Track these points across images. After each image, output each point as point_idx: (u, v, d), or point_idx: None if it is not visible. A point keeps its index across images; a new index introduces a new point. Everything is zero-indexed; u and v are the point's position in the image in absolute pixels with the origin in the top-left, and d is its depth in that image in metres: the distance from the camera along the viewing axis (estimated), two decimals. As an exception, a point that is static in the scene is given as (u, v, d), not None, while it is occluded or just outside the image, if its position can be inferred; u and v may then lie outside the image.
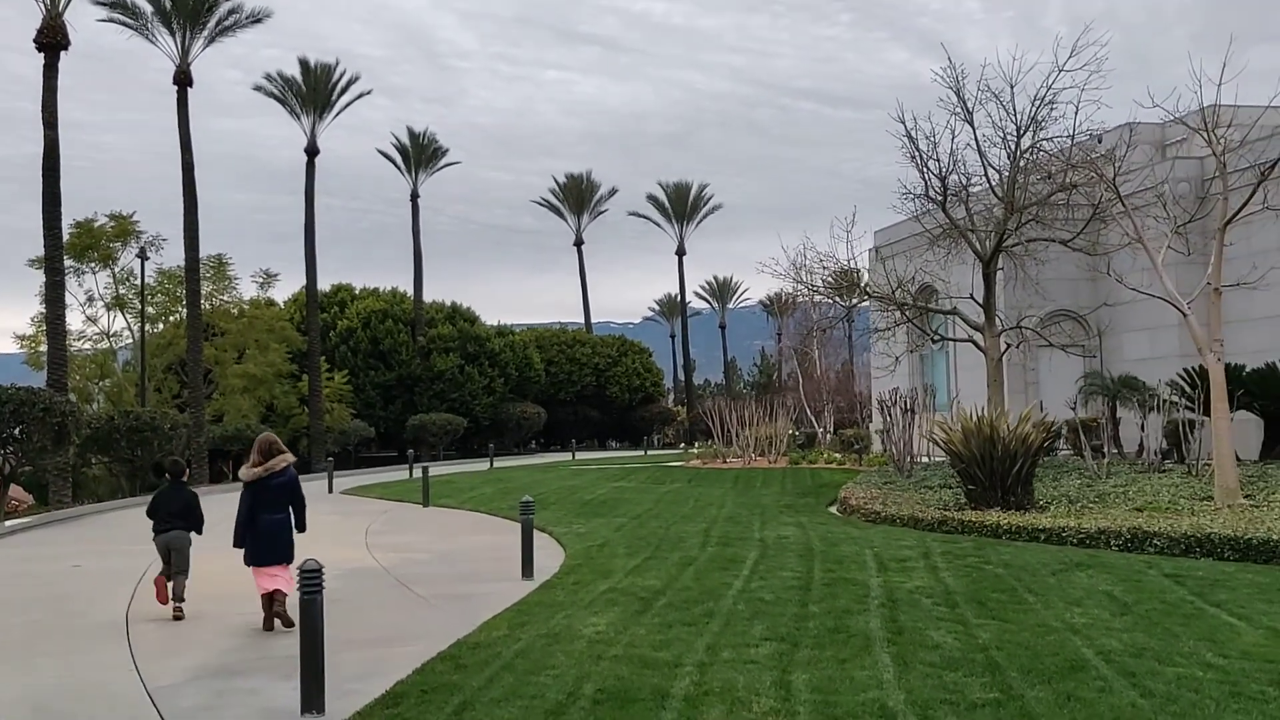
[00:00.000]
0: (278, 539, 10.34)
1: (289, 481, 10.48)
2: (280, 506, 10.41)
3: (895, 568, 12.32)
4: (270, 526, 10.33)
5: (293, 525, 10.55)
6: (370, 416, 51.55)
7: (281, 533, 10.38)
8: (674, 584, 11.64)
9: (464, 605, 11.31)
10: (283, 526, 10.41)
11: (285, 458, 10.48)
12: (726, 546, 14.74)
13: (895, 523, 17.50)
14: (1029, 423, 18.31)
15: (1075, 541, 14.09)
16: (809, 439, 40.62)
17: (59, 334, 30.00)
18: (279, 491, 10.39)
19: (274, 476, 10.37)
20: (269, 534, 10.31)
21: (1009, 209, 24.09)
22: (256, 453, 10.47)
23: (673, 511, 20.60)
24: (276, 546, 10.33)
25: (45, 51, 31.60)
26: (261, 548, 10.33)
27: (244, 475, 10.48)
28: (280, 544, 10.35)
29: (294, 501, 10.52)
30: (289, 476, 10.50)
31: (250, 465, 10.46)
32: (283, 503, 10.43)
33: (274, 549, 10.31)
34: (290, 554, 10.37)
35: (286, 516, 10.48)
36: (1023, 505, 17.67)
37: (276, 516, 10.38)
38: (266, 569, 10.31)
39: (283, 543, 10.37)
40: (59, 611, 11.61)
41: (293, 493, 10.52)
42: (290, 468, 10.56)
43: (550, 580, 12.49)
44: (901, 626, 9.05)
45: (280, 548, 10.34)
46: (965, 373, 32.94)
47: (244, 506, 10.43)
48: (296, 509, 10.57)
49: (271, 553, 10.30)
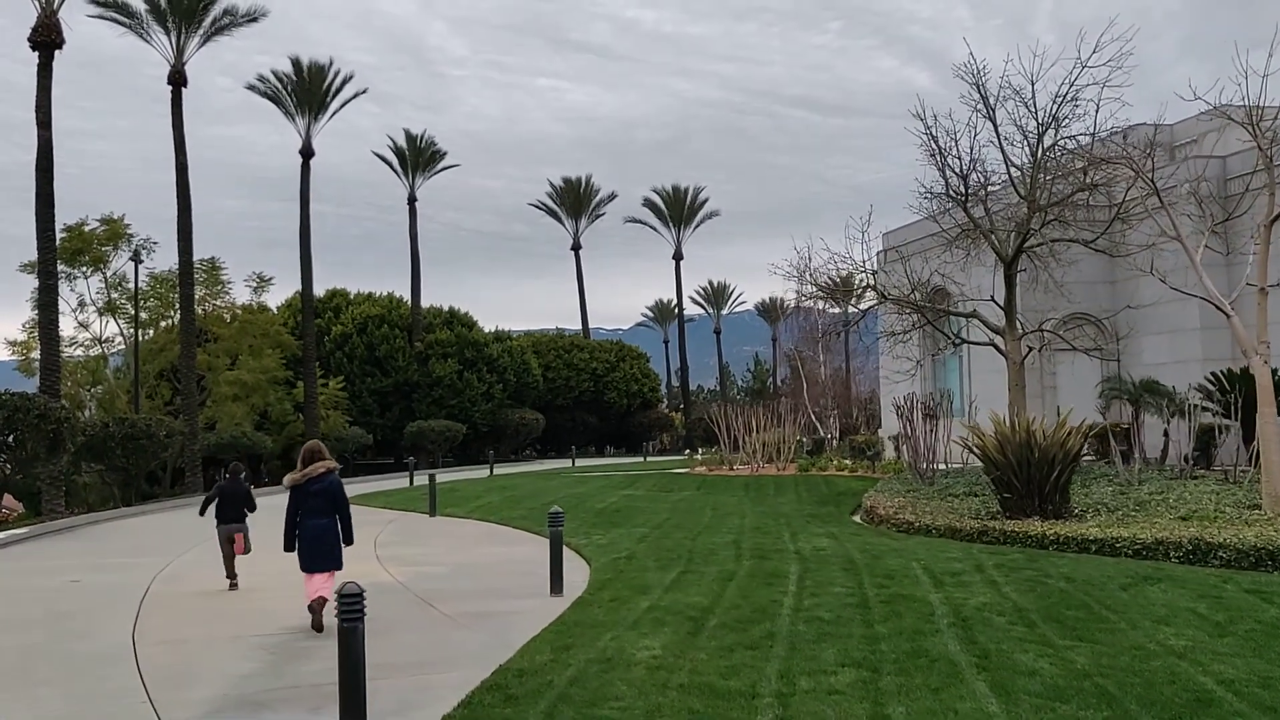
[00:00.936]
0: (319, 545, 10.43)
1: (329, 487, 10.52)
2: (322, 513, 10.49)
3: (951, 582, 11.59)
4: (312, 532, 10.45)
5: (338, 532, 10.58)
6: (367, 423, 50.63)
7: (323, 538, 10.44)
8: (720, 601, 10.89)
9: (495, 625, 10.55)
10: (324, 532, 10.46)
11: (326, 464, 10.57)
12: (763, 559, 13.99)
13: (931, 533, 16.79)
14: (1067, 427, 17.64)
15: (1130, 553, 13.39)
16: (817, 445, 39.87)
17: (52, 339, 29.08)
18: (320, 498, 10.46)
19: (313, 482, 10.46)
20: (310, 539, 10.44)
21: (1031, 208, 23.46)
22: (300, 459, 10.68)
23: (693, 521, 19.86)
24: (319, 552, 10.42)
25: (39, 50, 30.74)
26: (305, 554, 10.46)
27: (286, 481, 10.71)
28: (322, 550, 10.43)
29: (337, 508, 10.57)
30: (329, 483, 10.53)
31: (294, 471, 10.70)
32: (325, 509, 10.50)
33: (317, 555, 10.42)
34: (334, 560, 10.50)
35: (330, 522, 10.53)
36: (1060, 514, 17.00)
37: (318, 522, 10.46)
38: (312, 575, 10.45)
39: (325, 548, 10.44)
40: (59, 632, 10.79)
41: (334, 499, 10.55)
42: (332, 474, 10.61)
43: (583, 597, 11.72)
44: (985, 649, 8.32)
45: (322, 554, 10.43)
46: (980, 377, 32.28)
47: (289, 512, 10.63)
48: (341, 517, 10.61)
49: (315, 559, 10.42)
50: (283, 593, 13.07)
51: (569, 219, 72.49)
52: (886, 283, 27.30)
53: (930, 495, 21.39)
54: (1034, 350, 25.28)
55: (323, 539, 10.42)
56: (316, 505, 10.45)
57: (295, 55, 47.38)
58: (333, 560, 10.46)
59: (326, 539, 10.44)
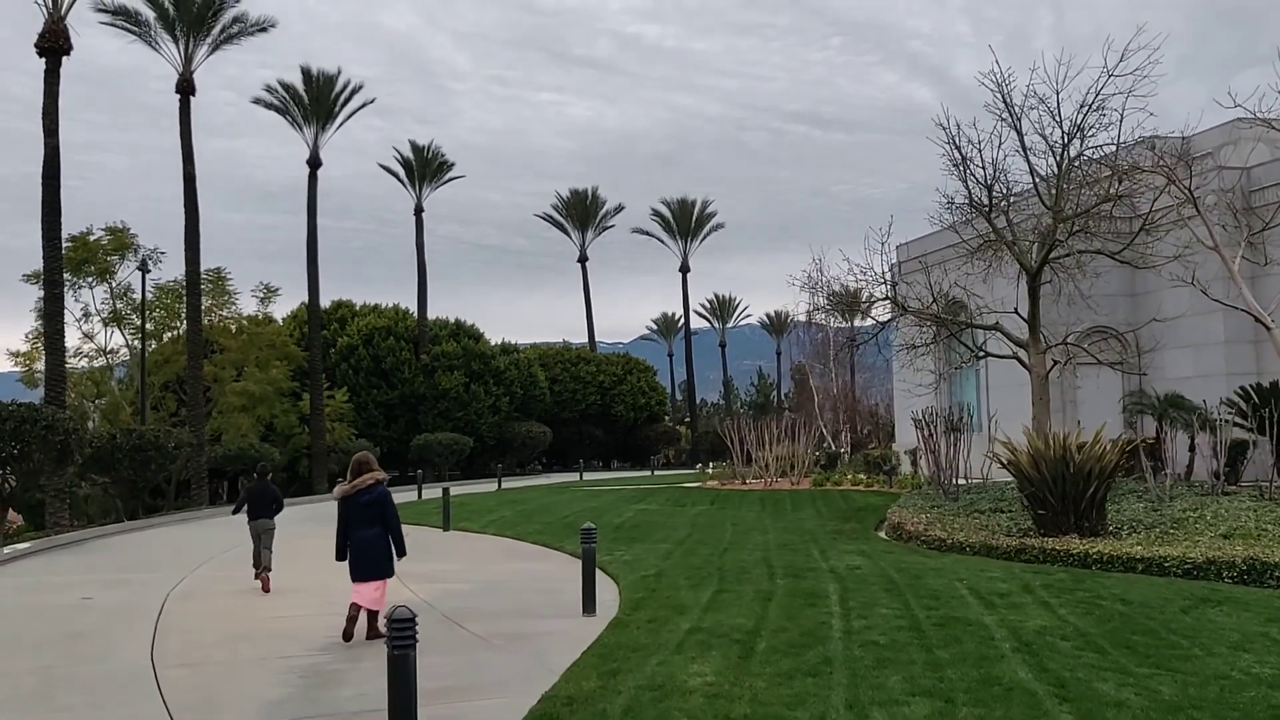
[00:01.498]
0: (368, 554, 10.53)
1: (377, 498, 10.62)
2: (370, 523, 10.58)
3: (1002, 604, 11.14)
4: (361, 542, 10.56)
5: (388, 543, 10.65)
6: (372, 435, 50.15)
7: (371, 548, 10.54)
8: (764, 623, 10.43)
9: (531, 646, 10.10)
10: (373, 542, 10.56)
11: (374, 475, 10.69)
12: (798, 578, 13.53)
13: (965, 550, 16.34)
14: (1102, 442, 17.20)
15: (1180, 573, 12.93)
16: (831, 459, 39.38)
17: (58, 349, 28.65)
18: (368, 509, 10.58)
19: (362, 494, 10.59)
20: (359, 549, 10.55)
21: (1057, 218, 23.06)
22: (350, 470, 10.84)
23: (715, 537, 19.41)
24: (367, 562, 10.53)
25: (46, 56, 30.39)
26: (355, 563, 10.58)
27: (336, 492, 10.88)
28: (370, 560, 10.53)
29: (385, 519, 10.63)
30: (376, 494, 10.63)
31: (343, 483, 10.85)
32: (373, 519, 10.59)
33: (365, 565, 10.53)
34: (383, 569, 10.60)
35: (379, 533, 10.61)
36: (1096, 531, 16.56)
37: (367, 533, 10.57)
38: (360, 584, 10.53)
39: (373, 558, 10.54)
40: (75, 654, 10.32)
41: (382, 510, 10.62)
42: (379, 485, 10.69)
43: (619, 617, 11.25)
44: (1059, 677, 7.86)
45: (371, 564, 10.53)
46: (999, 391, 31.85)
47: (340, 523, 10.76)
48: (390, 528, 10.67)
49: (364, 568, 10.52)
50: (305, 610, 12.63)
51: (575, 230, 72.11)
52: (906, 295, 26.86)
53: (955, 511, 20.92)
54: (1059, 364, 24.84)
55: (371, 549, 10.52)
56: (365, 516, 10.56)
57: (305, 65, 47.03)
58: (381, 570, 10.58)
59: (375, 549, 10.53)
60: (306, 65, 47.23)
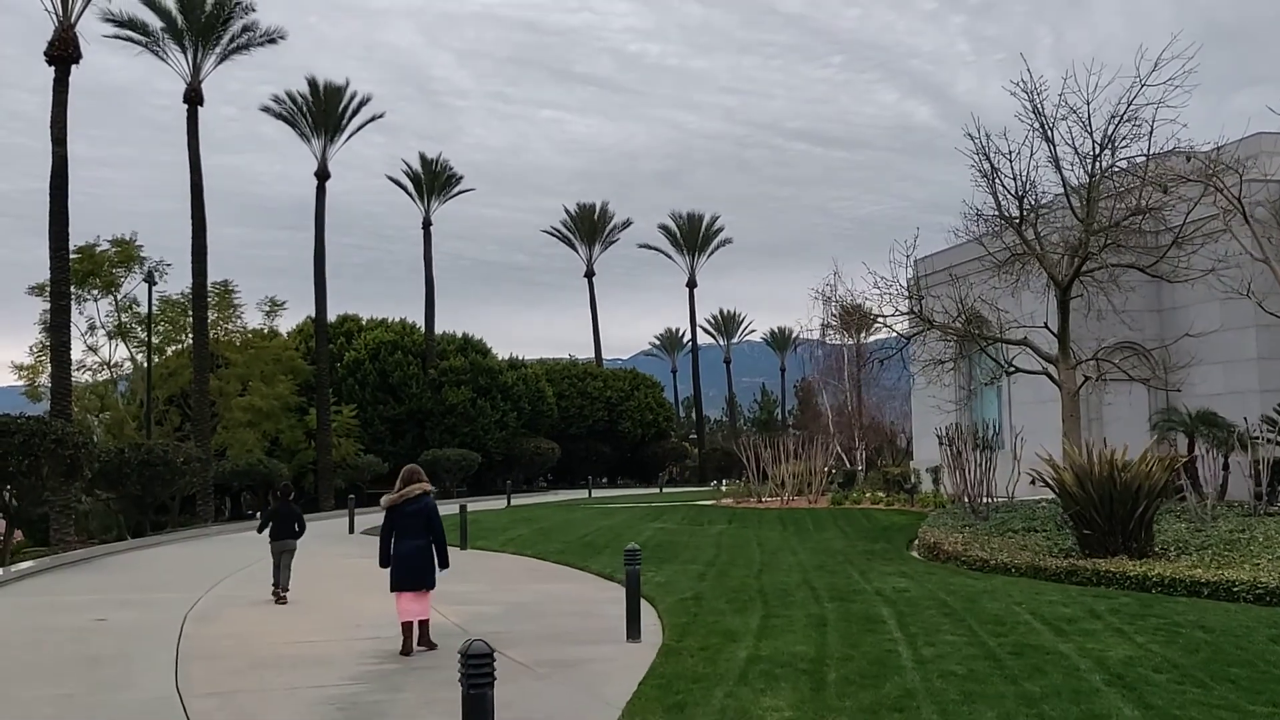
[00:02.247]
0: (412, 564, 10.67)
1: (423, 509, 10.78)
2: (416, 533, 10.75)
3: (1072, 630, 10.53)
4: (405, 551, 10.72)
5: (432, 554, 10.82)
6: (378, 451, 49.52)
7: (414, 558, 10.69)
8: (826, 650, 9.82)
9: (581, 676, 9.50)
10: (416, 552, 10.71)
11: (422, 486, 10.85)
12: (845, 602, 12.92)
13: (1010, 572, 15.73)
14: (1150, 459, 16.62)
15: (1250, 598, 12.34)
16: (848, 477, 38.74)
17: (64, 361, 28.03)
18: (414, 518, 10.75)
19: (409, 504, 10.76)
20: (403, 559, 10.71)
21: (1088, 231, 22.54)
22: (400, 480, 10.99)
23: (746, 557, 18.80)
24: (412, 572, 10.67)
25: (55, 65, 29.92)
26: (398, 573, 10.72)
27: (384, 501, 10.98)
28: (414, 569, 10.68)
29: (431, 530, 10.81)
30: (423, 505, 10.79)
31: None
32: (419, 530, 10.76)
33: (409, 575, 10.68)
34: (427, 580, 10.76)
35: (424, 543, 10.76)
36: (1144, 552, 15.97)
37: (412, 543, 10.73)
38: (404, 594, 10.66)
39: (417, 568, 10.68)
40: (96, 682, 9.70)
41: (429, 520, 10.81)
42: (427, 496, 10.87)
43: (668, 644, 10.63)
44: (1170, 715, 7.26)
45: (415, 573, 10.68)
46: (1021, 408, 31.23)
47: (384, 532, 10.93)
48: (435, 539, 10.85)
49: (407, 578, 10.67)
50: (330, 634, 12.01)
51: (582, 245, 71.60)
52: (932, 309, 26.31)
53: (988, 531, 20.29)
54: (1090, 380, 24.27)
55: (414, 559, 10.67)
56: (411, 526, 10.74)
57: (312, 76, 46.59)
58: (424, 580, 10.70)
59: (418, 559, 10.68)
60: (313, 76, 46.76)
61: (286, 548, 14.99)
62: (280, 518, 15.24)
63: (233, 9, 37.09)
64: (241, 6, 37.22)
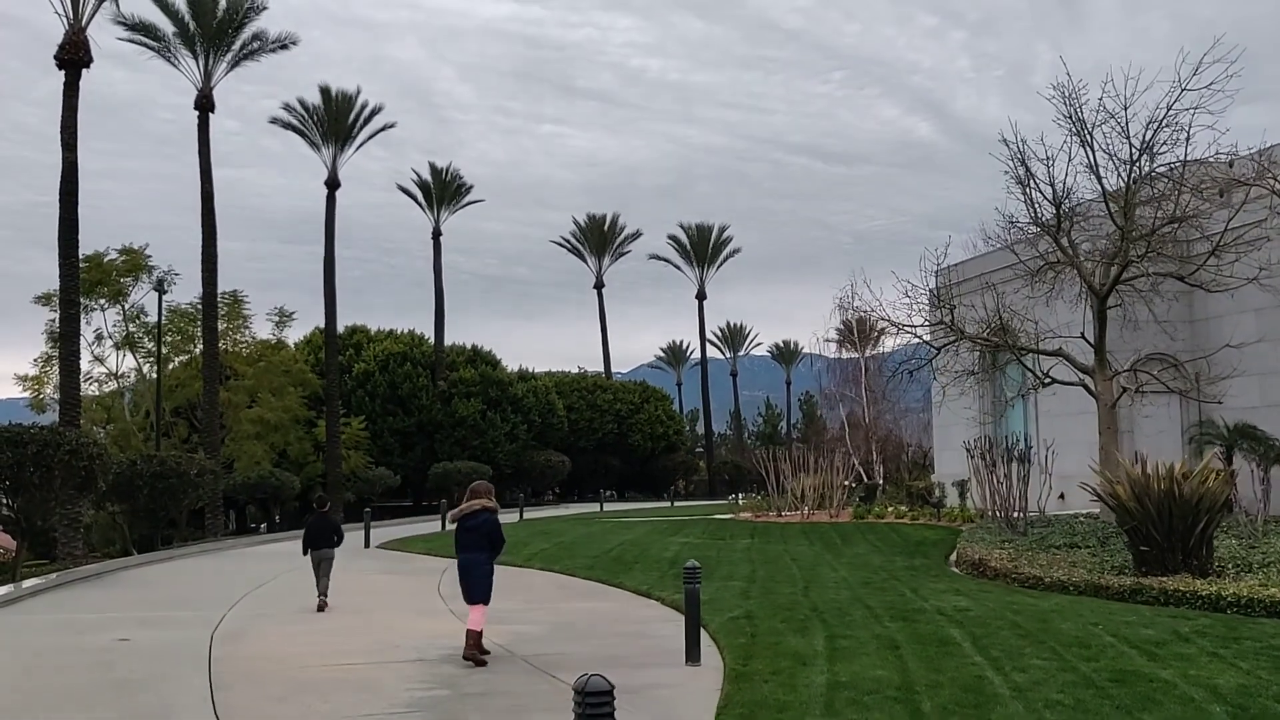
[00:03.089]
0: (468, 576, 11.05)
1: (482, 525, 11.11)
2: (475, 547, 11.12)
3: (1165, 655, 9.90)
4: (462, 564, 11.19)
5: (489, 569, 11.13)
6: (388, 463, 48.88)
7: (471, 570, 11.05)
8: (909, 676, 9.20)
9: (650, 705, 8.87)
10: (471, 565, 11.08)
11: (483, 502, 11.16)
12: (909, 622, 12.28)
13: (1068, 590, 15.10)
14: (1210, 474, 16.00)
15: (1340, 619, 11.71)
16: (870, 491, 38.08)
17: (73, 370, 27.44)
18: (474, 533, 11.13)
19: (469, 519, 11.11)
20: (461, 571, 11.16)
21: (1126, 239, 22.00)
22: (466, 495, 11.43)
23: (784, 573, 18.17)
24: (467, 584, 11.06)
25: (66, 69, 29.42)
26: (461, 584, 11.18)
27: (451, 515, 11.53)
28: (468, 582, 11.03)
29: (492, 544, 11.18)
30: (482, 520, 11.10)
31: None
32: (477, 544, 11.11)
33: (462, 586, 11.13)
34: (480, 594, 10.98)
35: (479, 556, 11.10)
36: (1205, 570, 15.33)
37: (467, 556, 11.15)
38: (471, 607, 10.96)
39: (472, 581, 11.01)
40: (131, 710, 9.04)
41: (489, 536, 11.15)
42: (486, 512, 11.15)
43: (735, 668, 9.98)
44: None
45: (469, 586, 11.02)
46: (1050, 420, 30.62)
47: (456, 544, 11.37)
48: (494, 553, 11.26)
49: (463, 590, 11.13)
50: (367, 655, 11.36)
51: (592, 256, 71.09)
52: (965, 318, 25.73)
53: (1029, 546, 19.66)
54: (1127, 391, 23.66)
55: (471, 571, 11.05)
56: (469, 540, 11.13)
57: (325, 84, 46.10)
58: (479, 593, 10.97)
59: (473, 572, 11.04)
60: (325, 84, 46.29)
61: (325, 556, 15.63)
62: (317, 530, 15.85)
63: (245, 13, 36.60)
64: (254, 9, 36.73)
